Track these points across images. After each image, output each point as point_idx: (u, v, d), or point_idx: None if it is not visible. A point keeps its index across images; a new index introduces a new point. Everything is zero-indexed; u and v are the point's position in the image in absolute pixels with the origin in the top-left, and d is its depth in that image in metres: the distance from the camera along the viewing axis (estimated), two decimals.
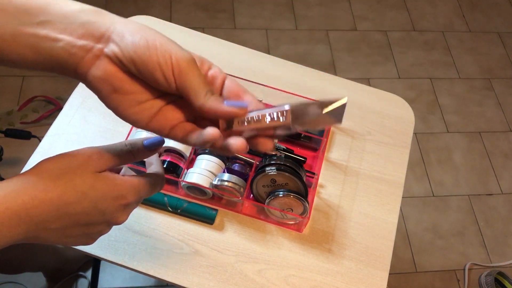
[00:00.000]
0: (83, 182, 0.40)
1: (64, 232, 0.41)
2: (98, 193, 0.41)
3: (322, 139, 0.79)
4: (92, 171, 0.41)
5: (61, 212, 0.39)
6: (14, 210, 0.37)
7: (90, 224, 0.42)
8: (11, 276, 1.30)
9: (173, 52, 0.38)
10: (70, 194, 0.39)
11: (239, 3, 2.04)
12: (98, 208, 0.41)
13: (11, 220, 0.36)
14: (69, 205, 0.39)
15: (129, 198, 0.42)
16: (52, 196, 0.38)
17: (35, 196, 0.37)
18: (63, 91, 1.67)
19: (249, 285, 0.67)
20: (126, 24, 0.40)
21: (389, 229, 0.74)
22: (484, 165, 1.76)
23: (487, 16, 2.20)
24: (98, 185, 0.41)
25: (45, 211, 0.38)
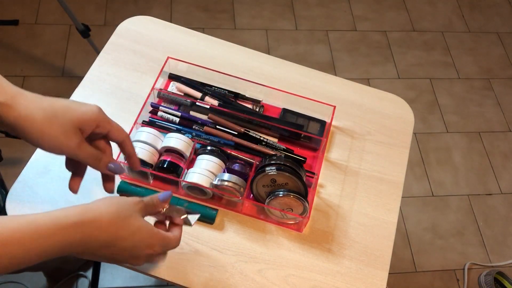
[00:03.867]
0: (134, 224, 0.51)
1: (99, 257, 0.50)
2: (140, 237, 0.51)
3: (322, 139, 0.79)
4: (139, 215, 0.52)
5: (113, 243, 0.49)
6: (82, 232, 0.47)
7: (118, 260, 0.52)
8: (11, 276, 1.31)
9: None
10: (124, 232, 0.50)
11: (239, 3, 2.04)
12: (134, 249, 0.51)
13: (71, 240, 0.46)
14: (118, 240, 0.49)
15: (156, 249, 0.53)
16: (112, 230, 0.49)
17: (100, 228, 0.48)
18: (64, 91, 1.67)
19: (249, 285, 0.67)
20: None
21: (389, 229, 0.75)
22: (483, 165, 1.76)
23: (487, 16, 2.20)
24: (142, 231, 0.51)
25: (101, 240, 0.48)
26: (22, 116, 0.47)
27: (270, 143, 0.77)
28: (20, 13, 1.85)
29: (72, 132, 0.50)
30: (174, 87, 0.84)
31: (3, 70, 1.70)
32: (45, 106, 0.49)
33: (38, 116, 0.48)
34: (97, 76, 0.85)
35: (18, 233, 0.43)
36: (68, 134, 0.50)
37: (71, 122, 0.50)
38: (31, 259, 0.44)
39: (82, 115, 0.51)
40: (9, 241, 0.42)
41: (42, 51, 1.78)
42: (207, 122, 0.78)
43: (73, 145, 0.51)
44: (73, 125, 0.50)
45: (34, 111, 0.48)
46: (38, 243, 0.44)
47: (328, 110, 0.81)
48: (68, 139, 0.50)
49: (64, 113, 0.50)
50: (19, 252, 0.43)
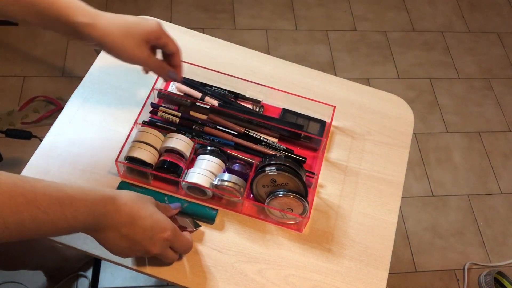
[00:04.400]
0: (151, 208, 0.59)
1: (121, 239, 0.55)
2: (157, 218, 0.58)
3: (322, 139, 0.79)
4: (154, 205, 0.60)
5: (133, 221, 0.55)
6: (110, 204, 0.54)
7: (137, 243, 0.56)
8: (11, 276, 1.31)
9: None
10: (144, 211, 0.57)
11: (239, 3, 2.04)
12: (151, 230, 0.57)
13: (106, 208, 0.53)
14: (139, 218, 0.56)
15: (169, 234, 0.59)
16: (135, 207, 0.56)
17: (124, 203, 0.55)
18: (64, 91, 1.67)
19: (249, 285, 0.67)
20: None
21: (389, 229, 0.75)
22: (483, 165, 1.77)
23: (487, 16, 2.20)
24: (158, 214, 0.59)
25: (126, 216, 0.55)
26: (105, 33, 0.58)
27: (270, 143, 0.77)
28: None
29: (143, 45, 0.61)
30: (174, 87, 0.84)
31: (3, 70, 1.70)
32: (120, 23, 0.59)
33: (116, 32, 0.59)
34: (97, 76, 0.85)
35: (82, 193, 0.51)
36: (140, 46, 0.61)
37: (141, 35, 0.61)
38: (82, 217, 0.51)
39: (148, 28, 0.61)
40: (73, 195, 0.50)
41: (42, 51, 1.78)
42: (207, 122, 0.78)
43: (145, 55, 0.62)
44: (142, 38, 0.61)
45: (112, 28, 0.59)
46: (93, 205, 0.52)
47: (328, 110, 0.81)
48: (141, 51, 0.61)
49: (135, 28, 0.60)
50: (81, 207, 0.50)
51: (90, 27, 0.58)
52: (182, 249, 0.64)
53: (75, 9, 0.57)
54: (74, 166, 0.74)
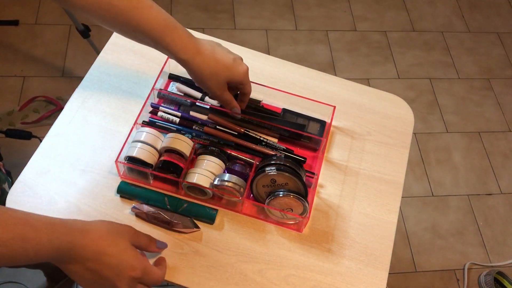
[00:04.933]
0: (122, 244, 0.58)
1: (85, 272, 0.55)
2: (126, 257, 0.57)
3: (322, 139, 0.79)
4: (128, 240, 0.59)
5: (98, 258, 0.55)
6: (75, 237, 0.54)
7: (103, 278, 0.56)
8: (11, 276, 1.31)
9: None
10: (112, 249, 0.56)
11: (239, 3, 2.04)
12: (118, 267, 0.56)
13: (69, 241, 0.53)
14: (106, 255, 0.55)
15: (138, 273, 0.58)
16: (102, 244, 0.55)
17: (91, 239, 0.55)
18: (64, 92, 1.67)
19: (249, 285, 0.67)
20: None
21: (389, 229, 0.75)
22: (483, 165, 1.77)
23: (487, 16, 2.20)
24: (128, 251, 0.58)
25: (91, 252, 0.54)
26: (197, 70, 0.68)
27: (270, 143, 0.77)
28: (20, 13, 1.86)
29: (223, 85, 0.71)
30: (174, 87, 0.84)
31: (3, 70, 1.71)
32: (213, 65, 0.68)
33: (206, 72, 0.68)
34: (97, 76, 0.85)
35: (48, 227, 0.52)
36: (220, 87, 0.71)
37: (226, 79, 0.70)
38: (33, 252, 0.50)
39: (235, 75, 0.70)
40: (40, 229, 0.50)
41: (42, 51, 1.78)
42: (207, 122, 0.78)
43: (220, 93, 0.72)
44: (225, 81, 0.70)
45: (203, 68, 0.68)
46: (54, 239, 0.51)
47: (328, 110, 0.81)
48: (219, 89, 0.71)
49: (223, 72, 0.69)
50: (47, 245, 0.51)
51: (188, 63, 0.67)
52: (152, 284, 0.63)
53: (179, 46, 0.66)
54: (74, 166, 0.74)
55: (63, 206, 0.70)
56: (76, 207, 0.71)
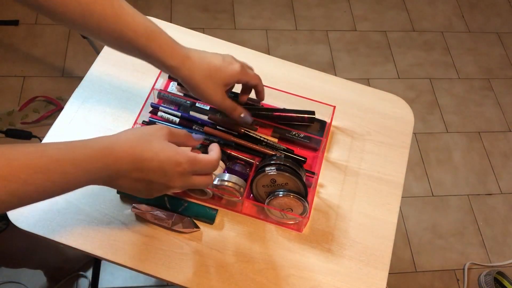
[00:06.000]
0: (157, 145, 0.54)
1: (135, 183, 0.54)
2: (166, 155, 0.54)
3: (322, 139, 0.79)
4: (163, 139, 0.56)
5: (139, 166, 0.53)
6: (106, 157, 0.51)
7: (154, 182, 0.54)
8: (12, 276, 1.31)
9: None
10: (147, 153, 0.53)
11: (239, 3, 2.04)
12: (163, 168, 0.54)
13: (103, 161, 0.51)
14: (145, 161, 0.53)
15: (185, 167, 0.55)
16: (135, 152, 0.53)
17: (124, 151, 0.52)
18: (64, 92, 1.67)
19: (249, 285, 0.67)
20: None
21: (389, 229, 0.75)
22: (483, 165, 1.77)
23: (487, 16, 2.20)
24: (166, 149, 0.54)
25: (129, 162, 0.52)
26: (189, 76, 0.63)
27: (270, 143, 0.77)
28: (20, 13, 1.86)
29: (220, 89, 0.66)
30: (174, 87, 0.84)
31: (3, 70, 1.71)
32: (204, 68, 0.64)
33: (199, 76, 0.64)
34: (97, 76, 0.85)
35: (70, 153, 0.50)
36: (217, 91, 0.66)
37: (221, 80, 0.66)
38: (77, 177, 0.50)
39: (229, 74, 0.66)
40: (61, 158, 0.48)
41: (42, 51, 1.78)
42: (207, 122, 0.78)
43: (219, 99, 0.67)
44: (222, 83, 0.66)
45: (196, 72, 0.64)
46: (85, 163, 0.50)
47: (328, 110, 0.81)
48: (217, 95, 0.66)
49: (216, 74, 0.65)
50: (71, 169, 0.49)
51: (177, 70, 0.63)
52: (207, 171, 0.59)
53: (167, 53, 0.62)
54: None
55: (63, 206, 0.70)
56: (76, 207, 0.71)
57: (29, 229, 0.68)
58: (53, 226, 0.69)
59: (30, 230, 0.68)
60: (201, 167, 0.57)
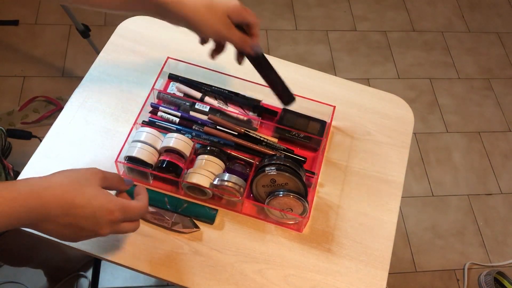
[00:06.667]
0: (90, 191, 0.52)
1: (63, 228, 0.52)
2: (98, 203, 0.52)
3: (322, 139, 0.79)
4: (97, 184, 0.54)
5: (70, 212, 0.50)
6: (33, 200, 0.49)
7: (84, 229, 0.53)
8: (12, 275, 1.31)
9: None
10: (80, 199, 0.51)
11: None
12: (94, 216, 0.52)
13: (29, 206, 0.49)
14: (77, 208, 0.51)
15: (117, 215, 0.54)
16: (68, 197, 0.50)
17: (54, 195, 0.50)
18: (64, 92, 1.67)
19: (249, 285, 0.67)
20: None
21: (389, 229, 0.75)
22: (483, 165, 1.76)
23: (487, 16, 2.20)
24: (99, 197, 0.53)
25: (59, 207, 0.50)
26: (191, 10, 0.61)
27: (270, 143, 0.77)
28: (20, 13, 1.86)
29: (225, 19, 0.63)
30: (174, 87, 0.84)
31: (3, 70, 1.71)
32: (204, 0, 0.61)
33: (202, 9, 0.61)
34: (97, 76, 0.85)
35: None
36: (222, 20, 0.63)
37: (224, 10, 0.63)
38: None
39: (230, 7, 0.63)
40: None
41: (42, 51, 1.78)
42: (207, 122, 0.78)
43: (226, 29, 0.63)
44: (225, 13, 0.63)
45: (198, 5, 0.61)
46: (7, 207, 0.47)
47: (328, 110, 0.81)
48: (224, 25, 0.63)
49: (218, 4, 0.62)
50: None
51: (178, 5, 0.60)
52: (137, 218, 0.58)
53: None
54: (74, 166, 0.74)
55: None
56: None
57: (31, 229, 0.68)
58: None
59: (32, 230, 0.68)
60: (132, 215, 0.56)
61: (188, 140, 0.73)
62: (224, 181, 0.69)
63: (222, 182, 0.69)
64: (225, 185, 0.69)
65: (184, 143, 0.73)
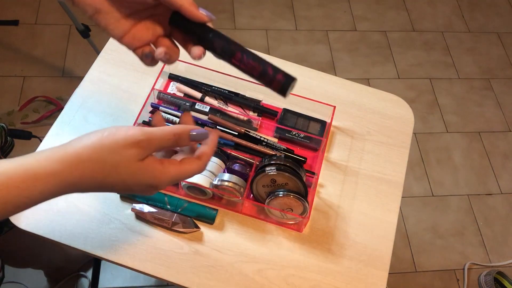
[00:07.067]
0: (125, 170, 0.43)
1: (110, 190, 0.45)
2: (136, 181, 0.44)
3: (322, 139, 0.79)
4: (137, 160, 0.43)
5: (102, 186, 0.43)
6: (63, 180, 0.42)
7: (134, 191, 0.45)
8: (12, 276, 1.31)
9: None
10: (112, 179, 0.43)
11: (239, 3, 2.04)
12: (131, 189, 0.45)
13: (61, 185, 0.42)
14: (108, 185, 0.43)
15: (162, 187, 0.46)
16: (98, 177, 0.42)
17: (84, 174, 0.42)
18: (64, 92, 1.67)
19: (249, 285, 0.67)
20: None
21: (389, 229, 0.75)
22: (483, 165, 1.77)
23: (487, 16, 2.20)
24: (138, 175, 0.44)
25: (90, 186, 0.43)
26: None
27: (270, 143, 0.77)
28: (20, 13, 1.86)
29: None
30: (174, 87, 0.84)
31: (3, 70, 1.71)
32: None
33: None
34: (97, 76, 0.85)
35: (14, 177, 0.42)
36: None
37: None
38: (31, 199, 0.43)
39: None
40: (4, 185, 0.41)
41: (42, 51, 1.78)
42: (207, 122, 0.78)
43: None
44: None
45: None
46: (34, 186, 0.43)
47: (328, 110, 0.81)
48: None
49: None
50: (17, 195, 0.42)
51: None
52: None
53: None
54: None
55: (63, 206, 0.70)
56: (76, 207, 0.71)
57: (30, 229, 0.68)
58: (53, 226, 0.69)
59: (31, 230, 0.68)
60: (187, 177, 0.48)
61: None
62: (224, 181, 0.69)
63: (222, 182, 0.69)
64: (225, 185, 0.69)
65: None
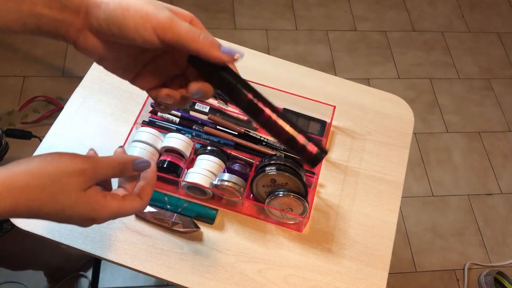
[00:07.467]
0: (66, 200, 0.40)
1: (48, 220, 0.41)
2: (74, 212, 0.41)
3: (322, 139, 0.79)
4: (79, 189, 0.40)
5: (39, 215, 0.39)
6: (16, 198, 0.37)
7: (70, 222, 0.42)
8: (12, 276, 1.31)
9: (149, 13, 0.39)
10: (49, 208, 0.39)
11: (239, 3, 2.04)
12: (68, 220, 0.41)
13: None
14: (44, 214, 0.39)
15: (100, 221, 0.43)
16: (33, 206, 0.38)
17: (18, 202, 0.38)
18: (64, 91, 1.67)
19: (249, 285, 0.67)
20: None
21: (389, 229, 0.75)
22: (483, 165, 1.76)
23: (487, 16, 2.20)
24: (78, 206, 0.41)
25: (26, 214, 0.39)
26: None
27: (270, 143, 0.77)
28: None
29: None
30: None
31: (3, 70, 1.70)
32: None
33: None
34: (97, 76, 0.85)
35: None
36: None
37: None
38: None
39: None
40: None
41: (42, 51, 1.78)
42: (207, 122, 0.78)
43: None
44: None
45: None
46: None
47: (328, 110, 0.81)
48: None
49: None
50: None
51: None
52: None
53: None
54: None
55: None
56: None
57: (30, 229, 0.68)
58: (53, 226, 0.69)
59: (31, 231, 0.68)
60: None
61: (188, 140, 0.73)
62: (224, 181, 0.69)
63: (222, 182, 0.69)
64: (225, 185, 0.69)
65: (184, 143, 0.73)
